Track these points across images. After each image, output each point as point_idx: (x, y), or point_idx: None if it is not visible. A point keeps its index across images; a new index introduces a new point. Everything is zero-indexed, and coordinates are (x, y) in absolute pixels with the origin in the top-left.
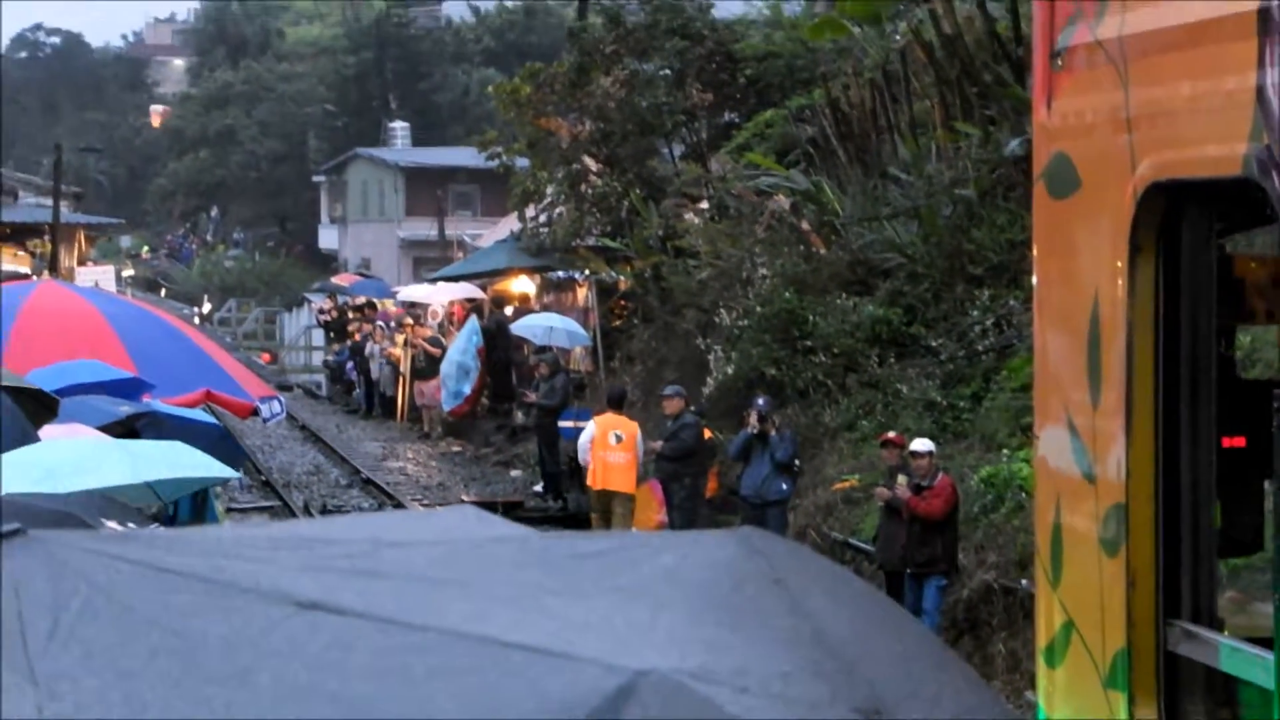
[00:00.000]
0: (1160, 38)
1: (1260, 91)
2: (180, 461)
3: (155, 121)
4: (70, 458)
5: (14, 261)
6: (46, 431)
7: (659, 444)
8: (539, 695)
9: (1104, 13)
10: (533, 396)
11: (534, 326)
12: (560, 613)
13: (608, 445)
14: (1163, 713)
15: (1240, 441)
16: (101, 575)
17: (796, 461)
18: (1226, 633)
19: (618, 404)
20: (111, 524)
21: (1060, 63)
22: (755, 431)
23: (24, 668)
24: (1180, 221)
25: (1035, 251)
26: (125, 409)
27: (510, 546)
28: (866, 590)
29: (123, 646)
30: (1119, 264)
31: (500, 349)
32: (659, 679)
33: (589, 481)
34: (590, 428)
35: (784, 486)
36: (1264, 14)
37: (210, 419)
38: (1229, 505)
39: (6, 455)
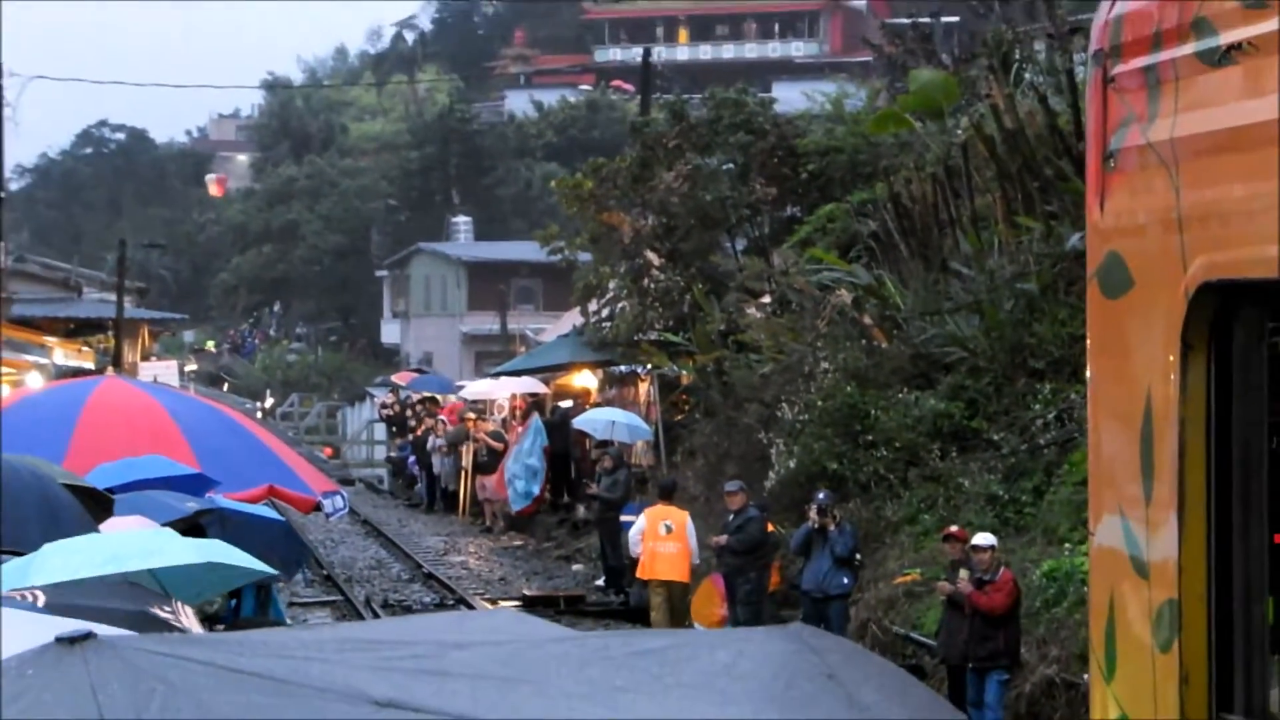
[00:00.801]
0: (1210, 140)
1: None
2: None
3: (214, 190)
4: (134, 541)
5: (78, 357)
6: (109, 524)
7: (723, 538)
8: None
9: (1156, 115)
10: (595, 488)
11: (595, 421)
12: (632, 708)
13: (658, 535)
14: None
15: None
16: (177, 676)
17: (858, 555)
18: None
19: (668, 495)
20: (155, 609)
21: (1113, 163)
22: (816, 526)
23: None
24: (1232, 320)
25: (1089, 349)
26: (191, 504)
27: (568, 645)
28: (914, 684)
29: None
30: (1171, 361)
31: (561, 443)
32: None
33: (638, 572)
34: (641, 520)
35: (845, 580)
36: None
37: (274, 514)
38: None
39: (70, 542)
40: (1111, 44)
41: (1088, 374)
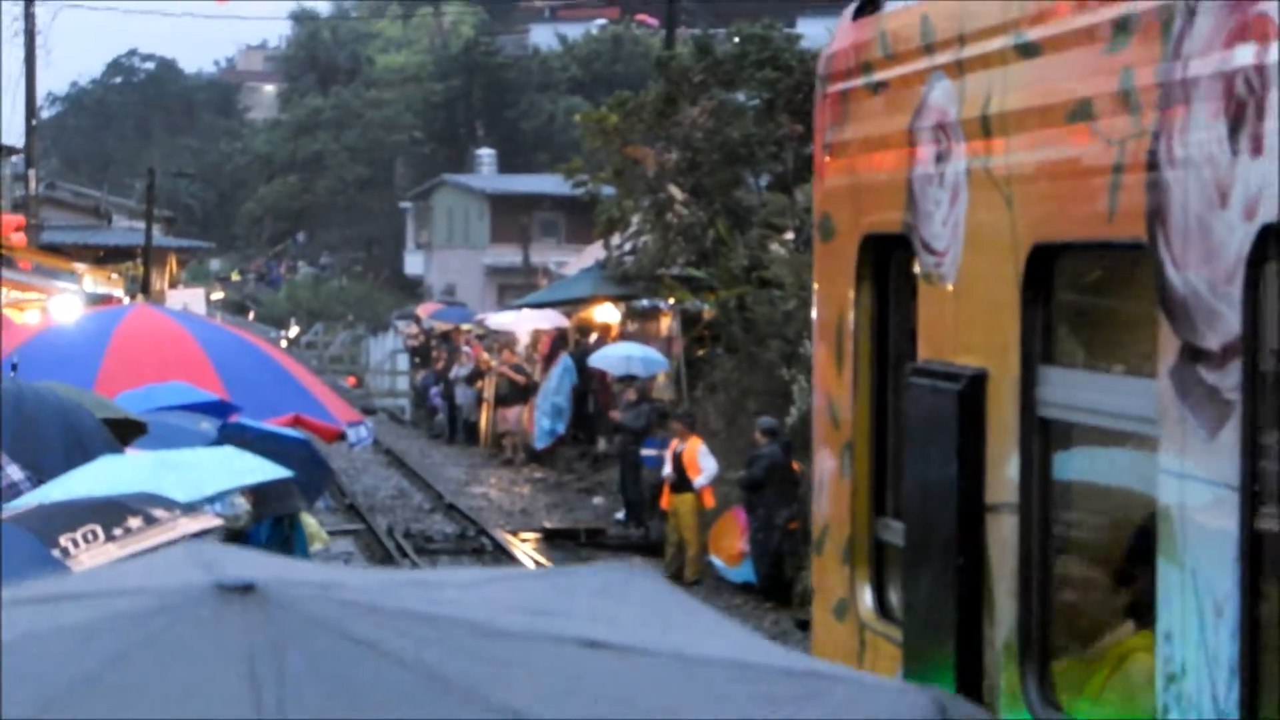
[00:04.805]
0: (869, 139)
1: (908, 180)
2: (230, 467)
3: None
4: (129, 476)
5: (108, 284)
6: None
7: (742, 474)
8: None
9: (844, 119)
10: (618, 416)
11: (611, 357)
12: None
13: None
14: (874, 575)
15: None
16: (334, 623)
17: None
18: None
19: (690, 425)
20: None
21: (827, 153)
22: None
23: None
24: (887, 261)
25: (815, 281)
26: (207, 425)
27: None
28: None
29: (370, 688)
30: (852, 288)
31: (580, 378)
32: None
33: (663, 502)
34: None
35: None
36: (910, 130)
37: (298, 435)
38: None
39: (89, 470)
40: (826, 71)
41: (813, 301)
